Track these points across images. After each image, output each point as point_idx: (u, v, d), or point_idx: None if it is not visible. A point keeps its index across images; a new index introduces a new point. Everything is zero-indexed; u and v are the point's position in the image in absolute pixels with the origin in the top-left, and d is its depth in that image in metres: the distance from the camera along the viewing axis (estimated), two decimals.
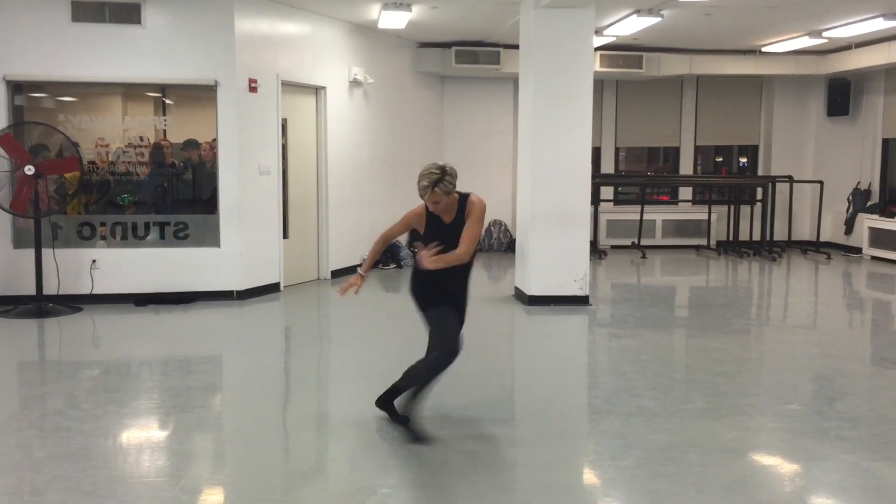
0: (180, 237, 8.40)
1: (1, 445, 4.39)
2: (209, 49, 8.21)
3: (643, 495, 3.71)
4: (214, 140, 8.36)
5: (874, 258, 11.92)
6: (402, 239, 11.52)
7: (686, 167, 13.60)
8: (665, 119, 13.51)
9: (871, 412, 5.04)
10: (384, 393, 4.62)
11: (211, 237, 8.43)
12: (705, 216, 13.18)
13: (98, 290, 8.11)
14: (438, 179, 4.13)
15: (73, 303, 7.94)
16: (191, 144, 8.71)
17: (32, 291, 7.75)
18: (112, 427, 4.68)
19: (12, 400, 5.36)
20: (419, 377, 4.31)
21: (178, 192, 8.84)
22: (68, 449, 4.23)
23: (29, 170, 7.53)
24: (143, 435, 4.67)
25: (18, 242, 8.09)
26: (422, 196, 4.22)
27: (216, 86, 8.21)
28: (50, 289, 7.89)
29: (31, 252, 7.79)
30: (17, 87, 8.12)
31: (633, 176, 13.98)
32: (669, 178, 13.62)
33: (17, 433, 4.58)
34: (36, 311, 7.63)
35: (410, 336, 7.17)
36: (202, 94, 8.35)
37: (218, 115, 8.25)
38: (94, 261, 8.15)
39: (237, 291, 8.44)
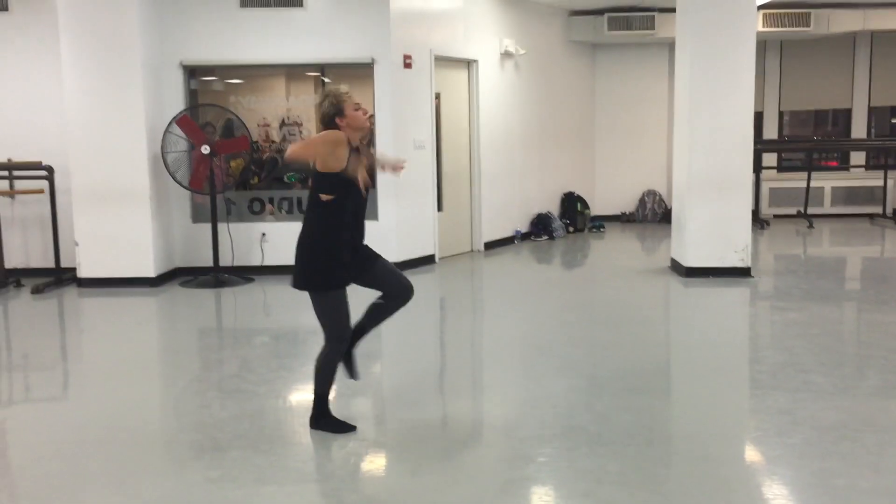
0: None
1: (187, 405, 4.80)
2: (366, 28, 8.45)
3: (812, 474, 3.57)
4: (371, 116, 8.60)
5: None
6: (554, 210, 11.48)
7: (858, 130, 12.71)
8: (835, 80, 12.66)
9: None
10: (314, 410, 4.20)
11: (369, 211, 8.64)
12: (880, 182, 12.29)
13: (268, 262, 8.61)
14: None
15: (245, 274, 8.48)
16: None
17: (210, 263, 8.34)
18: (284, 390, 5.00)
19: (194, 363, 5.81)
20: (326, 375, 4.18)
21: None
22: (246, 410, 4.55)
23: (205, 149, 8.05)
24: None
25: (196, 217, 8.70)
26: (346, 103, 3.86)
27: (373, 63, 8.45)
28: (225, 260, 8.45)
29: (208, 227, 8.38)
30: (192, 72, 8.68)
31: (798, 141, 13.22)
32: (840, 143, 12.79)
33: (201, 394, 4.98)
34: (213, 282, 8.20)
35: (566, 306, 7.17)
36: (359, 72, 8.60)
37: (375, 91, 8.50)
38: (263, 234, 8.64)
39: (395, 263, 8.68)
